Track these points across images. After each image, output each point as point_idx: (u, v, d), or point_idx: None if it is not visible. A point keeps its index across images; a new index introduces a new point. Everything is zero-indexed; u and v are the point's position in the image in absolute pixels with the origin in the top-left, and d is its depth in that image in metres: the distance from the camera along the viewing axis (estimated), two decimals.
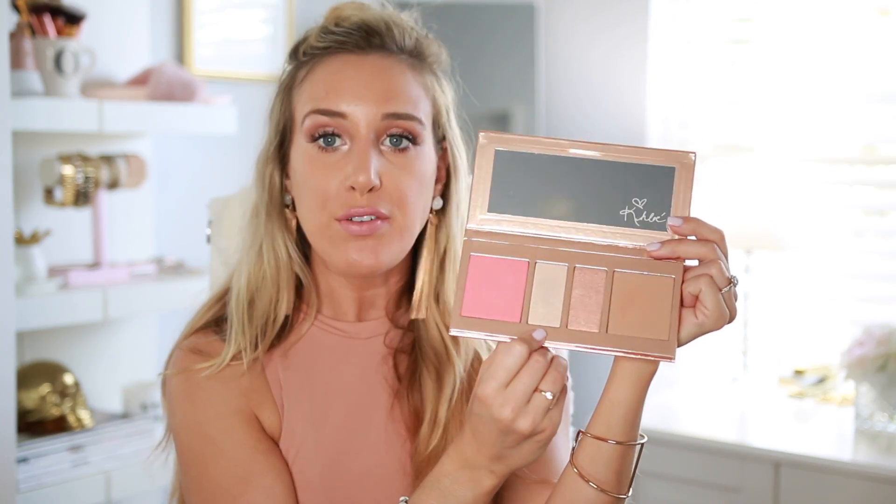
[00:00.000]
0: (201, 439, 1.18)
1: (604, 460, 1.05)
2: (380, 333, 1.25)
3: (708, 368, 3.08)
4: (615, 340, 1.00)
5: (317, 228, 1.17)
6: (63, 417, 2.23)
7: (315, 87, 1.17)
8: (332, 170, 1.15)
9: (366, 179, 1.13)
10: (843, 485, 2.35)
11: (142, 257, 2.55)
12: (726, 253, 1.02)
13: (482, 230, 1.04)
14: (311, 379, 1.22)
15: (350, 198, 1.14)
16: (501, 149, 1.05)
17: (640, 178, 1.03)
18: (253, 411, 1.20)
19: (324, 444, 1.20)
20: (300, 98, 1.19)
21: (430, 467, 1.16)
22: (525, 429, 0.98)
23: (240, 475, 1.16)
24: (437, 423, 1.19)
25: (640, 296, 1.01)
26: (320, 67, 1.18)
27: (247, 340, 1.20)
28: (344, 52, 1.18)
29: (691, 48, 3.09)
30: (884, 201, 2.91)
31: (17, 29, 2.25)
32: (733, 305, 1.01)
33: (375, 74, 1.17)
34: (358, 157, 1.14)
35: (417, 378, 1.22)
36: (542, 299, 1.02)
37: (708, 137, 3.09)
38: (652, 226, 1.03)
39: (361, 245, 1.15)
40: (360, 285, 1.23)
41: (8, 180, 1.97)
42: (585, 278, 1.02)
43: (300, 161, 1.18)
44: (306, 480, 1.19)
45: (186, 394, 1.20)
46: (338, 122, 1.15)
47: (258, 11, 2.98)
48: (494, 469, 1.03)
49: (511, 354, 0.98)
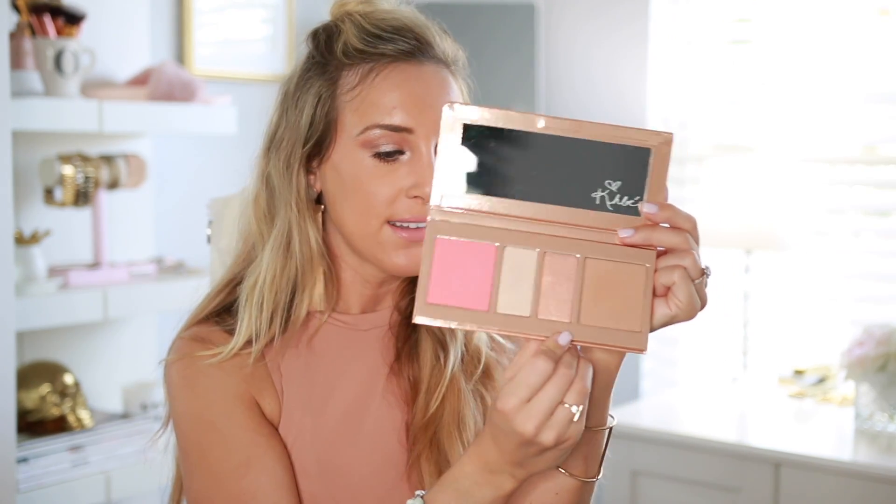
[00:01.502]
0: (202, 424, 1.18)
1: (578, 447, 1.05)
2: (383, 324, 1.26)
3: (708, 368, 3.08)
4: (587, 331, 0.97)
5: (366, 233, 1.18)
6: (63, 417, 2.23)
7: (377, 99, 1.16)
8: (388, 177, 1.16)
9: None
10: (843, 485, 2.35)
11: (142, 257, 2.55)
12: (698, 241, 1.01)
13: (447, 209, 1.00)
14: (311, 366, 1.23)
15: (414, 206, 1.16)
16: (469, 123, 0.99)
17: (615, 159, 0.98)
18: (254, 397, 1.20)
19: (321, 431, 1.21)
20: (355, 106, 1.17)
21: (427, 434, 1.18)
22: (549, 442, 0.97)
23: (241, 459, 1.16)
24: (438, 391, 1.20)
25: (612, 284, 0.98)
26: (379, 79, 1.17)
27: (261, 330, 1.20)
28: (399, 61, 1.18)
29: (691, 48, 3.09)
30: (884, 201, 2.91)
31: (17, 29, 2.25)
32: (705, 295, 1.01)
33: (436, 87, 1.17)
34: (426, 168, 1.15)
35: (416, 348, 1.24)
36: (510, 287, 0.98)
37: (708, 137, 3.09)
38: (625, 210, 0.99)
39: (411, 250, 1.17)
40: (380, 283, 1.25)
41: (8, 180, 1.97)
42: (556, 265, 0.98)
43: (350, 168, 1.17)
44: (303, 467, 1.19)
45: (187, 380, 1.20)
46: (403, 136, 1.16)
47: (258, 11, 2.98)
48: (515, 474, 1.03)
49: (535, 372, 0.95)
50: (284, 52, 2.99)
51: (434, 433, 1.20)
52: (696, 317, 1.01)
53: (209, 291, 1.29)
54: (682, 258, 0.99)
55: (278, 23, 2.98)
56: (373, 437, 1.21)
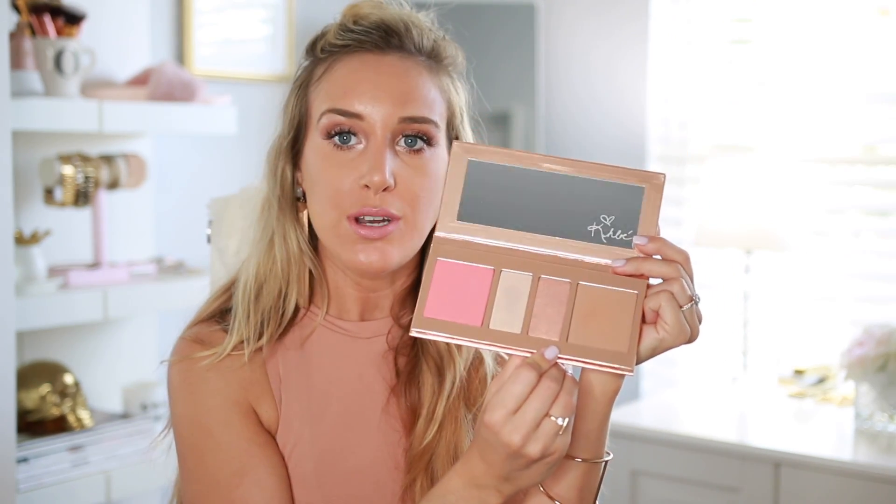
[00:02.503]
0: (199, 430, 1.18)
1: (567, 477, 1.07)
2: (382, 333, 1.25)
3: (708, 368, 3.08)
4: (574, 350, 1.00)
5: (327, 225, 1.18)
6: (63, 417, 2.23)
7: (333, 85, 1.18)
8: (346, 168, 1.16)
9: (381, 179, 1.14)
10: (843, 485, 2.35)
11: (142, 257, 2.55)
12: (691, 275, 1.03)
13: (451, 238, 1.05)
14: (310, 375, 1.22)
15: (363, 196, 1.15)
16: (474, 159, 1.06)
17: (610, 196, 1.05)
18: (251, 404, 1.20)
19: (319, 439, 1.20)
20: (317, 95, 1.19)
21: (422, 461, 1.18)
22: (535, 454, 0.98)
23: (235, 468, 1.16)
24: (434, 419, 1.20)
25: (603, 308, 1.02)
26: (339, 66, 1.19)
27: (250, 331, 1.20)
28: (362, 51, 1.19)
29: (691, 48, 3.09)
30: (884, 201, 2.91)
31: (17, 29, 2.25)
32: (695, 323, 1.02)
33: (393, 76, 1.17)
34: (374, 156, 1.15)
35: (417, 375, 1.23)
36: (505, 306, 1.02)
37: (708, 137, 3.09)
38: (618, 243, 1.04)
39: (370, 247, 1.16)
40: (366, 286, 1.24)
41: (8, 180, 1.97)
42: (549, 288, 1.03)
43: (314, 157, 1.19)
44: (301, 475, 1.19)
45: (186, 384, 1.20)
46: (354, 122, 1.16)
47: (258, 11, 2.98)
48: (502, 489, 1.03)
49: (519, 382, 0.97)
50: (284, 52, 2.99)
51: (430, 461, 1.20)
52: (685, 343, 1.02)
53: (212, 292, 1.29)
54: (670, 284, 1.02)
55: (278, 23, 2.98)
56: (372, 449, 1.21)
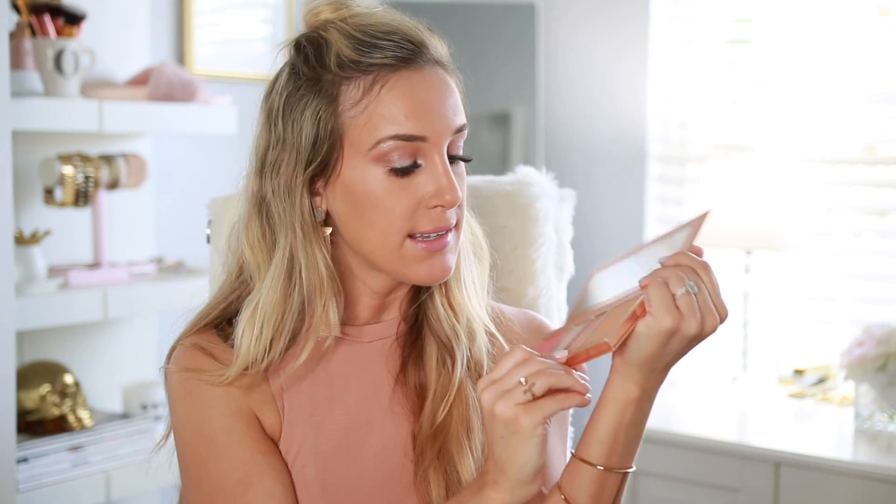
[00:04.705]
0: (202, 438, 1.18)
1: (582, 483, 1.08)
2: (389, 335, 1.25)
3: (708, 368, 3.08)
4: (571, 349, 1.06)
5: (388, 248, 1.16)
6: (63, 417, 2.23)
7: (386, 110, 1.13)
8: (406, 191, 1.14)
9: (453, 198, 1.14)
10: (843, 485, 2.35)
11: (142, 257, 2.55)
12: (709, 282, 1.03)
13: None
14: (313, 380, 1.22)
15: (435, 215, 1.15)
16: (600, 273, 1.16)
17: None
18: (253, 411, 1.19)
19: (323, 446, 1.20)
20: (361, 121, 1.13)
21: (435, 444, 1.18)
22: (503, 414, 1.02)
23: (239, 476, 1.16)
24: (446, 399, 1.20)
25: (611, 314, 1.06)
26: (385, 89, 1.13)
27: (259, 352, 1.17)
28: (400, 69, 1.14)
29: (691, 48, 3.09)
30: (884, 201, 2.91)
31: (17, 29, 2.25)
32: (692, 310, 1.01)
33: (441, 91, 1.16)
34: (443, 176, 1.14)
35: (421, 353, 1.23)
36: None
37: (708, 137, 3.09)
38: None
39: (432, 259, 1.16)
40: (384, 292, 1.23)
41: (8, 180, 1.97)
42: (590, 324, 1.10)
43: (364, 184, 1.14)
44: (305, 483, 1.18)
45: (188, 392, 1.19)
46: (416, 145, 1.13)
47: (258, 11, 2.98)
48: (498, 479, 1.05)
49: (511, 357, 1.04)
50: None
51: (443, 442, 1.19)
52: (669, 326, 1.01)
53: (204, 306, 1.26)
54: (663, 271, 1.03)
55: (278, 23, 2.98)
56: (377, 452, 1.21)
